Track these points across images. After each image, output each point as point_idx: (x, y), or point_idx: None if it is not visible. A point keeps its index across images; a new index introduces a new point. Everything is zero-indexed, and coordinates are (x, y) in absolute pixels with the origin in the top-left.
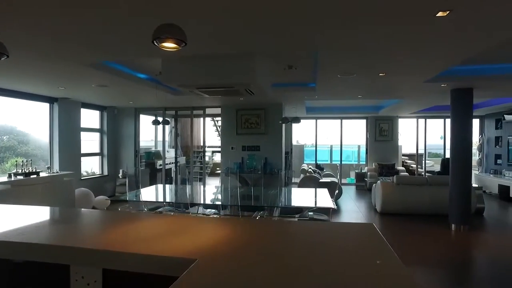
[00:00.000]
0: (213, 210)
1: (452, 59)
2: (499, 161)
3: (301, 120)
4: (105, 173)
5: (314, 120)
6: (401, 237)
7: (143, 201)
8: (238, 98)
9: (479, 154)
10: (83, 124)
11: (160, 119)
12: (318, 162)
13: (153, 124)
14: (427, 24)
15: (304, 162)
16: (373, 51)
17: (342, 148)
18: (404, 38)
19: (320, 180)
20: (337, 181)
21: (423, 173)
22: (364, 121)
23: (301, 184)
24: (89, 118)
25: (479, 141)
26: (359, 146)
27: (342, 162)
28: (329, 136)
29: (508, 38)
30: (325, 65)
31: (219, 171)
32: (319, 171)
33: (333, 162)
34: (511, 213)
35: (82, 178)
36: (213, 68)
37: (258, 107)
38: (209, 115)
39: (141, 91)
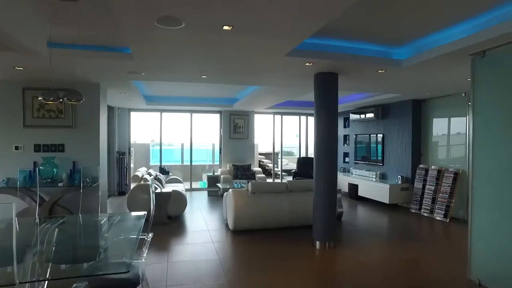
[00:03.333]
0: None
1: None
2: (347, 159)
3: (142, 113)
4: None
5: (159, 113)
6: (259, 265)
7: None
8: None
9: None
10: None
11: None
12: (163, 165)
13: None
14: None
15: (152, 164)
16: None
17: (193, 147)
18: None
19: (158, 191)
20: (180, 190)
21: (279, 173)
22: (218, 116)
23: (131, 198)
24: None
25: None
26: (213, 145)
27: (194, 163)
28: (180, 133)
29: None
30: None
31: None
32: (163, 177)
33: (184, 163)
34: (365, 215)
35: None
36: None
37: (61, 87)
38: None
39: None
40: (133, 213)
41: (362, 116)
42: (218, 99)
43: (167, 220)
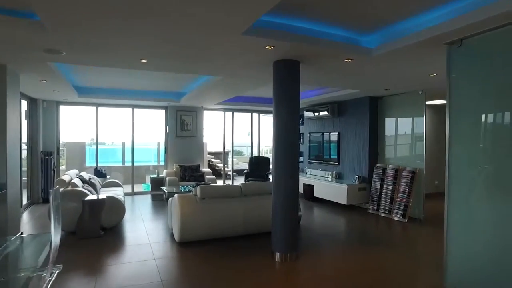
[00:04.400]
0: None
1: None
2: (301, 159)
3: (74, 107)
4: None
5: (94, 108)
6: (211, 286)
7: None
8: None
9: None
10: None
11: None
12: (100, 166)
13: None
14: None
15: (88, 166)
16: None
17: (136, 146)
18: None
19: (88, 198)
20: (117, 196)
21: (230, 173)
22: (163, 112)
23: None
24: None
25: None
26: (159, 144)
27: (136, 164)
28: (121, 131)
29: None
30: None
31: None
32: (98, 180)
33: (126, 164)
34: (324, 218)
35: None
36: None
37: None
38: None
39: None
40: (40, 234)
41: (317, 113)
42: (163, 93)
43: (100, 232)
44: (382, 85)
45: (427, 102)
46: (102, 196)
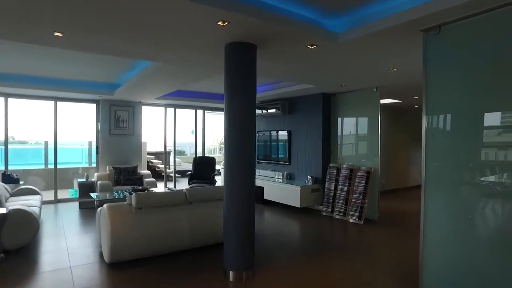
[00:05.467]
0: None
1: None
2: None
3: None
4: None
5: (2, 98)
6: None
7: None
8: None
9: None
10: None
11: None
12: (10, 170)
13: None
14: None
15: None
16: None
17: (60, 146)
18: None
19: None
20: (29, 208)
21: (172, 174)
22: (94, 106)
23: None
24: None
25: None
26: (90, 143)
27: (62, 166)
28: (43, 127)
29: None
30: None
31: None
32: (6, 188)
33: (50, 167)
34: (277, 223)
35: None
36: None
37: None
38: None
39: None
40: None
41: (266, 111)
42: (94, 83)
43: (0, 256)
44: (341, 79)
45: None
46: (3, 210)
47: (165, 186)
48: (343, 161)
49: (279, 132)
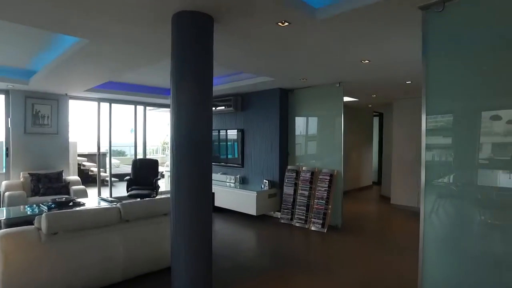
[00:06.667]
0: None
1: None
2: None
3: None
4: None
5: None
6: None
7: None
8: None
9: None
10: None
11: None
12: None
13: None
14: None
15: None
16: None
17: None
18: None
19: None
20: None
21: (107, 178)
22: (2, 98)
23: None
24: None
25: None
26: (2, 143)
27: None
28: None
29: None
30: None
31: None
32: None
33: None
34: (234, 236)
35: None
36: None
37: None
38: None
39: None
40: None
41: (215, 108)
42: (2, 69)
43: None
44: (307, 71)
45: None
46: None
47: (99, 195)
48: (303, 163)
49: (231, 131)
